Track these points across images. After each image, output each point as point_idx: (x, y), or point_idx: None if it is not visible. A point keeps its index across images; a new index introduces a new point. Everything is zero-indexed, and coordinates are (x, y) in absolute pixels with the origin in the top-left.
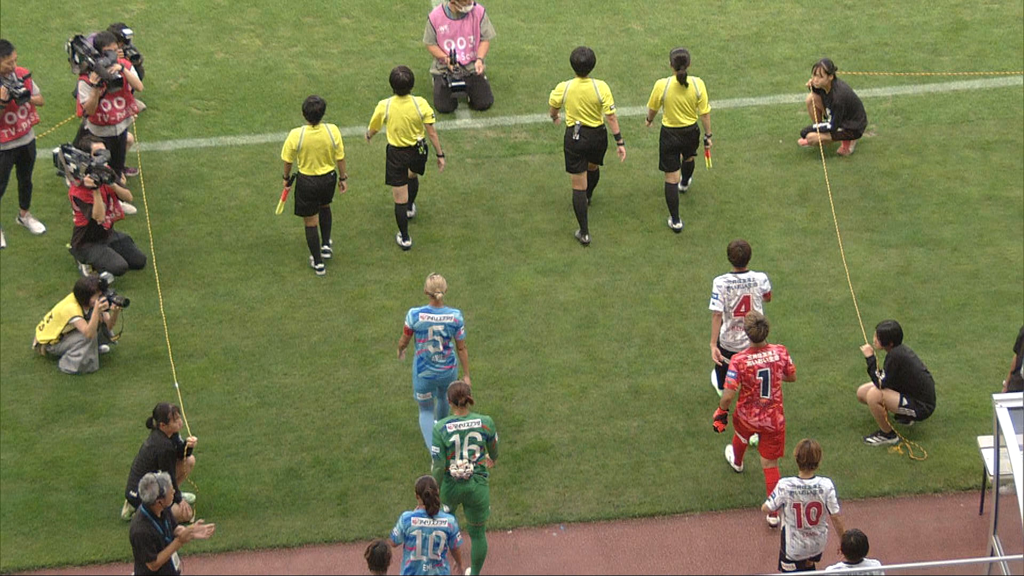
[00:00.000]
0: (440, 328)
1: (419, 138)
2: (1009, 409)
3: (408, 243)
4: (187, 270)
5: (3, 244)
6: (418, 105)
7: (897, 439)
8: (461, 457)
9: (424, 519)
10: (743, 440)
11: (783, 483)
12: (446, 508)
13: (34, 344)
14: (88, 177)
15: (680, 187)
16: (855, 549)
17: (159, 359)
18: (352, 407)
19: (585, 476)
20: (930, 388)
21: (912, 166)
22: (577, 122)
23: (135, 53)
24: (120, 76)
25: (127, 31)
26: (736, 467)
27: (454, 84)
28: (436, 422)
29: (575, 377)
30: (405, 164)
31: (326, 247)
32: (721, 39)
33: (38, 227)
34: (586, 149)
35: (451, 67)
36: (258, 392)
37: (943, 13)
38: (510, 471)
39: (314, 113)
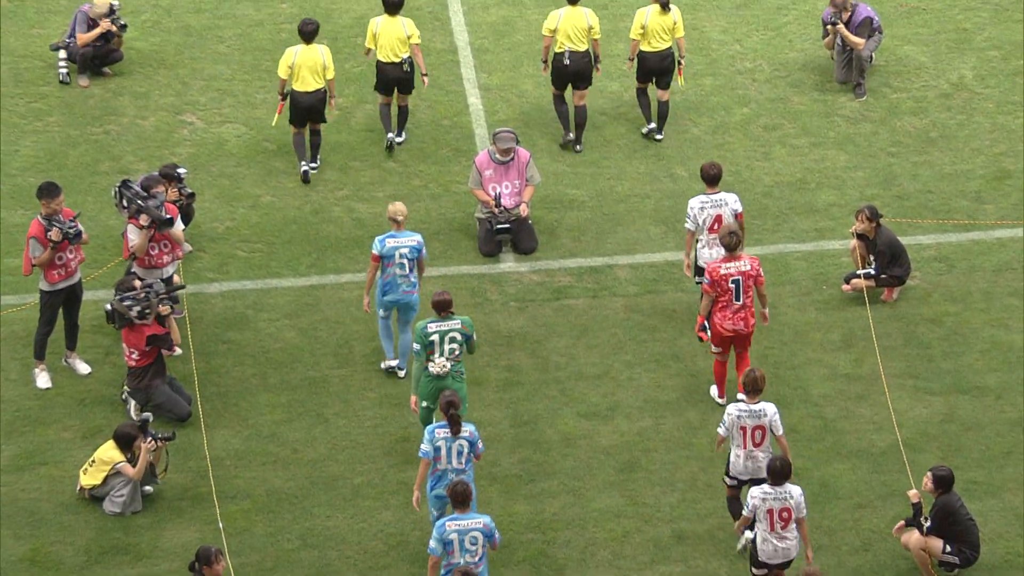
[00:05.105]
0: (406, 251)
1: (404, 55)
2: None
3: (393, 136)
4: (231, 412)
5: (50, 385)
6: (405, 25)
7: None
8: (440, 355)
9: (446, 430)
10: (716, 353)
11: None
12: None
13: (78, 488)
14: (162, 307)
15: (656, 135)
16: (779, 473)
17: (203, 500)
18: (395, 550)
19: None
20: (975, 535)
21: (956, 313)
22: (567, 48)
23: (190, 191)
24: (170, 216)
25: (181, 170)
26: (719, 399)
27: (499, 227)
28: (419, 322)
29: (617, 521)
30: (391, 80)
31: (313, 163)
32: (765, 185)
33: (84, 368)
34: (574, 72)
35: (496, 211)
36: (301, 534)
37: (987, 161)
38: None
39: (309, 32)
